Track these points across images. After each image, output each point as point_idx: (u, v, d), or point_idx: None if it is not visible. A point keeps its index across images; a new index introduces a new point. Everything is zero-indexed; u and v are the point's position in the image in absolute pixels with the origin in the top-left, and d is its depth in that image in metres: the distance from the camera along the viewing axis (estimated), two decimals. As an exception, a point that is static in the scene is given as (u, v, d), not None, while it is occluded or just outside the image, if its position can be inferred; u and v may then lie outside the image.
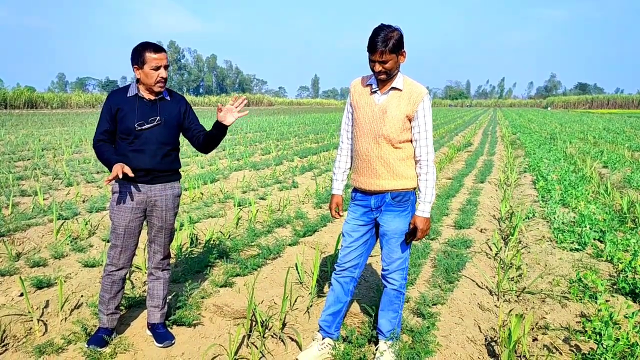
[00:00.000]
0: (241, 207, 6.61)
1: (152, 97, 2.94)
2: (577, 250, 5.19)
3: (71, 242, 4.96)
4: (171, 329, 3.26)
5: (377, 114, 2.74)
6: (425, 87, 2.77)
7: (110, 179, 2.69)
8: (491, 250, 5.27)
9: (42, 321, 3.35)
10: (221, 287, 3.99)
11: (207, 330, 3.32)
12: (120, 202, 2.93)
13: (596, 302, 3.76)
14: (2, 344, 3.04)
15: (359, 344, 3.08)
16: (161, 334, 3.13)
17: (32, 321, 3.29)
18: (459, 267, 4.52)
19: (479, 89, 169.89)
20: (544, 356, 3.11)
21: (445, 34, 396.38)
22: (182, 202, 6.89)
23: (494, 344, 3.31)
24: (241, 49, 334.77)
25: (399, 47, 2.60)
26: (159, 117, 2.92)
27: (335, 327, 3.06)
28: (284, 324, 3.41)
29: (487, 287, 4.27)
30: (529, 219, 6.55)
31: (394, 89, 2.73)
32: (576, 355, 3.07)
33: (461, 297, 3.94)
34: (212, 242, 5.00)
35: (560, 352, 3.17)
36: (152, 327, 3.18)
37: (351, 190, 3.03)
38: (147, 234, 3.15)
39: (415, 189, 2.85)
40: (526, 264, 4.81)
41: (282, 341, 3.21)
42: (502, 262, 4.80)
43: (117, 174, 2.68)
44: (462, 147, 15.88)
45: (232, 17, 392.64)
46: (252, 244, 5.13)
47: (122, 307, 3.41)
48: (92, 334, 3.10)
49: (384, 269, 2.94)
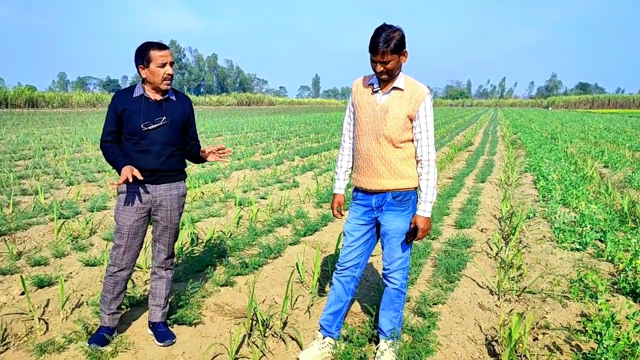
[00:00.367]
0: (242, 207, 6.62)
1: (158, 98, 2.94)
2: (578, 250, 5.19)
3: (72, 241, 4.97)
4: (172, 328, 3.27)
5: (378, 113, 2.75)
6: (426, 86, 2.77)
7: (120, 183, 2.69)
8: (492, 249, 5.27)
9: (43, 320, 3.35)
10: (222, 286, 3.99)
11: (208, 329, 3.32)
12: (125, 203, 2.93)
13: (597, 302, 3.76)
14: (4, 343, 3.05)
15: (360, 343, 3.08)
16: (162, 332, 3.13)
17: (33, 320, 3.30)
18: (459, 266, 4.52)
19: (479, 89, 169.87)
20: (544, 356, 3.11)
21: (446, 34, 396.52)
22: (183, 201, 6.89)
23: (494, 343, 3.31)
24: (242, 48, 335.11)
25: (400, 48, 2.60)
26: (165, 117, 2.93)
27: (336, 326, 3.07)
28: (285, 323, 3.41)
29: (487, 287, 4.27)
30: (529, 218, 6.55)
31: (395, 88, 2.73)
32: (577, 354, 3.08)
33: (462, 297, 3.94)
34: (213, 241, 5.00)
35: (560, 352, 3.17)
36: (153, 326, 3.19)
37: (352, 189, 3.03)
38: (151, 233, 3.15)
39: (416, 188, 2.85)
40: (527, 264, 4.81)
41: (283, 340, 3.21)
42: (502, 262, 4.81)
43: (127, 177, 2.68)
44: (463, 147, 15.87)
45: (233, 17, 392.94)
46: (253, 243, 5.14)
47: (123, 307, 3.42)
48: (93, 332, 3.10)
49: (384, 269, 2.94)
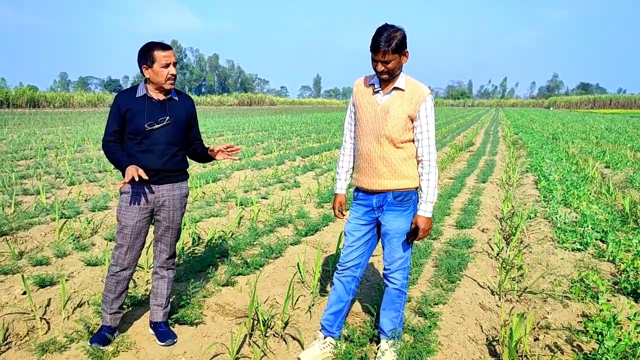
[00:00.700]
0: (243, 207, 6.62)
1: (161, 98, 2.95)
2: (579, 250, 5.19)
3: (73, 240, 4.97)
4: (173, 327, 3.27)
5: (379, 113, 2.75)
6: (427, 87, 2.78)
7: (125, 182, 2.69)
8: (493, 250, 5.27)
9: (44, 319, 3.36)
10: (223, 286, 4.00)
11: (209, 329, 3.32)
12: (128, 203, 2.94)
13: (598, 302, 3.76)
14: (5, 343, 3.05)
15: (361, 343, 3.08)
16: (163, 332, 3.14)
17: (34, 319, 3.30)
18: (460, 266, 4.52)
19: (481, 89, 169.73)
20: (545, 356, 3.11)
21: (447, 34, 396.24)
22: (184, 201, 6.89)
23: (495, 343, 3.31)
24: (243, 48, 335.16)
25: (401, 47, 2.61)
26: (168, 117, 2.93)
27: (337, 326, 3.07)
28: (286, 323, 3.41)
29: (488, 287, 4.27)
30: (530, 219, 6.55)
31: (396, 89, 2.74)
32: (578, 355, 3.07)
33: (463, 297, 3.94)
34: (214, 241, 5.01)
35: (562, 352, 3.17)
36: (154, 325, 3.19)
37: (353, 189, 3.03)
38: (153, 232, 3.16)
39: (417, 188, 2.85)
40: (528, 264, 4.81)
41: (284, 340, 3.22)
42: (503, 262, 4.80)
43: (132, 176, 2.68)
44: (464, 147, 15.86)
45: (234, 17, 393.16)
46: (254, 243, 5.14)
47: (125, 306, 3.42)
48: (95, 332, 3.11)
49: (385, 269, 2.94)
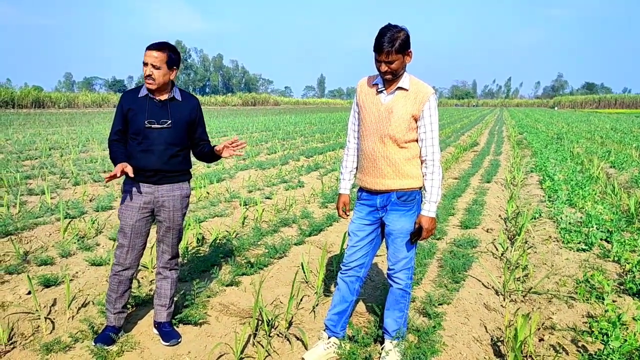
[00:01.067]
0: (247, 207, 6.63)
1: (163, 98, 2.96)
2: (584, 250, 5.17)
3: (78, 240, 4.99)
4: (177, 327, 3.28)
5: (383, 113, 2.74)
6: (431, 86, 2.77)
7: (108, 177, 2.72)
8: (497, 250, 5.25)
9: (49, 319, 3.37)
10: (227, 286, 4.00)
11: (213, 329, 3.33)
12: (127, 201, 2.96)
13: (603, 303, 3.74)
14: (10, 342, 3.07)
15: (365, 343, 3.08)
16: (167, 332, 3.14)
17: (39, 319, 3.31)
18: (465, 267, 4.51)
19: (485, 89, 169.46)
20: (550, 356, 3.10)
21: (452, 34, 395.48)
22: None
23: (500, 344, 3.30)
24: (247, 48, 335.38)
25: (405, 48, 2.60)
26: (169, 121, 2.94)
27: (341, 326, 3.07)
28: (290, 323, 3.41)
29: (493, 287, 4.26)
30: (535, 219, 6.53)
31: (400, 88, 2.73)
32: (583, 355, 3.06)
33: (467, 297, 3.93)
34: (218, 241, 5.01)
35: (566, 353, 3.16)
36: (158, 325, 3.20)
37: (357, 189, 3.03)
38: (156, 233, 3.17)
39: (421, 188, 2.84)
40: (532, 264, 4.79)
41: (288, 340, 3.21)
42: (508, 262, 4.79)
43: (115, 173, 2.73)
44: (469, 147, 15.81)
45: (238, 17, 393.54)
46: (258, 243, 5.14)
47: (129, 306, 3.43)
48: (99, 332, 3.11)
49: (389, 269, 2.94)
